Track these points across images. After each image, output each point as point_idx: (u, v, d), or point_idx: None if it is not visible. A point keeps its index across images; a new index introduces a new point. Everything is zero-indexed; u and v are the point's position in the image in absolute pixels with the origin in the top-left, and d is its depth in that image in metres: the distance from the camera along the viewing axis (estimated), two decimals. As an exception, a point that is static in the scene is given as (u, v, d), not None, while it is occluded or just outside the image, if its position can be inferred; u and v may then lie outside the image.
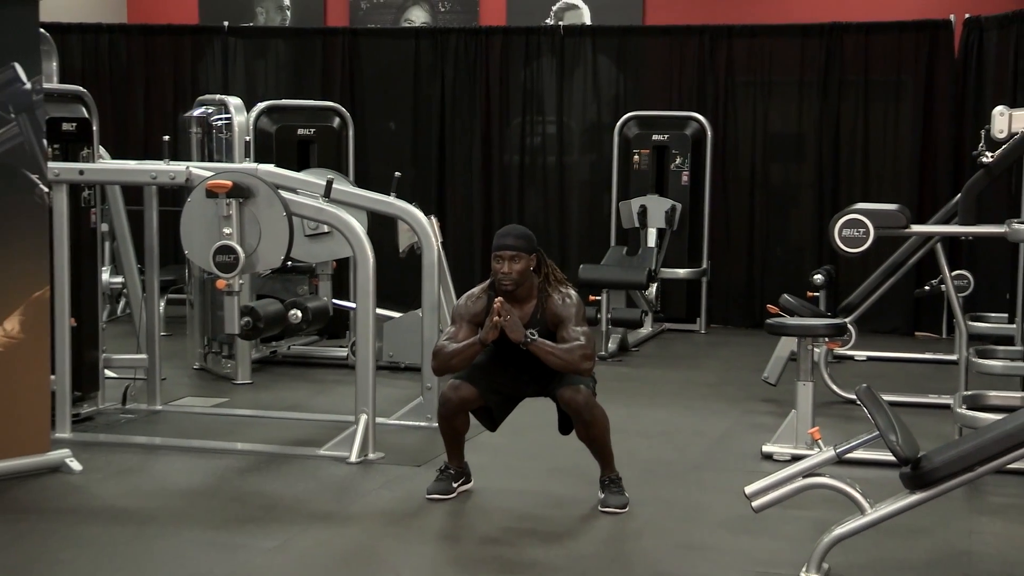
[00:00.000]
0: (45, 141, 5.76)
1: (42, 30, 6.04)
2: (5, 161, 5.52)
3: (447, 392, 5.12)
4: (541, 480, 5.80)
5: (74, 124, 6.88)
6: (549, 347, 4.95)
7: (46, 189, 5.74)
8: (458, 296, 7.96)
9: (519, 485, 5.43)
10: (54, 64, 7.88)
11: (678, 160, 10.38)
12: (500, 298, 4.95)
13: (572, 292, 5.17)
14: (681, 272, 10.25)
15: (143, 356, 7.23)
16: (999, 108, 7.00)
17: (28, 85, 5.56)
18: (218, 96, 8.96)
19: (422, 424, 6.63)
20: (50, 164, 5.91)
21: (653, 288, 9.74)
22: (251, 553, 4.70)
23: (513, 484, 5.38)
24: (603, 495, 5.19)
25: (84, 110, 7.02)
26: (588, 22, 11.63)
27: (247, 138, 8.35)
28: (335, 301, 8.16)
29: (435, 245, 6.75)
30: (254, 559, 4.64)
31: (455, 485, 5.30)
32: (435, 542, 4.94)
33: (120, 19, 13.03)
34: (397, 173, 8.12)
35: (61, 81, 8.01)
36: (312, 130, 9.39)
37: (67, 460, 5.81)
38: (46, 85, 6.10)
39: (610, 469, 5.23)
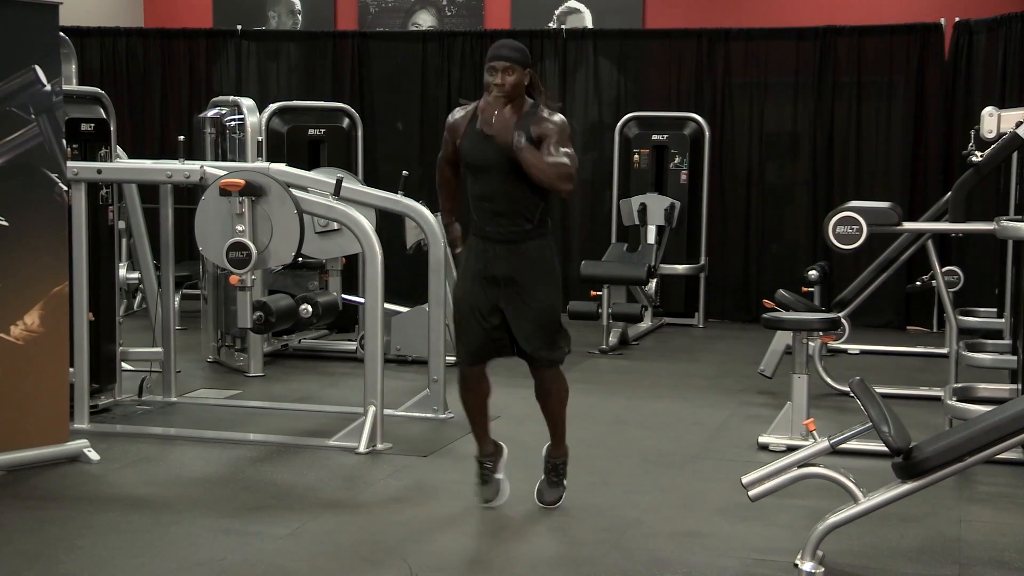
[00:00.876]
0: (64, 141, 5.78)
1: (62, 34, 6.03)
2: (26, 160, 5.54)
3: (464, 372, 5.01)
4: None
5: (92, 125, 6.90)
6: (534, 157, 4.64)
7: (65, 188, 5.74)
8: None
9: (522, 473, 5.42)
10: (73, 66, 7.86)
11: (677, 159, 10.40)
12: (490, 100, 4.70)
13: (560, 116, 4.86)
14: (680, 268, 10.26)
15: (159, 349, 7.26)
16: (988, 109, 7.01)
17: (48, 87, 5.58)
18: (231, 97, 8.97)
19: (428, 416, 6.66)
20: (69, 163, 5.91)
21: (653, 284, 9.76)
22: (264, 540, 4.71)
23: (516, 472, 5.36)
24: (542, 482, 5.10)
25: (102, 111, 7.03)
26: (590, 25, 11.63)
27: (259, 138, 8.36)
28: (344, 296, 8.17)
29: (441, 241, 6.76)
30: (267, 546, 4.65)
31: (499, 476, 5.10)
32: (441, 530, 4.93)
33: (137, 23, 13.04)
34: (405, 172, 8.15)
35: (80, 83, 7.99)
36: (322, 130, 9.41)
37: (85, 450, 5.82)
38: (65, 87, 6.10)
39: (558, 447, 5.09)
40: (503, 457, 5.16)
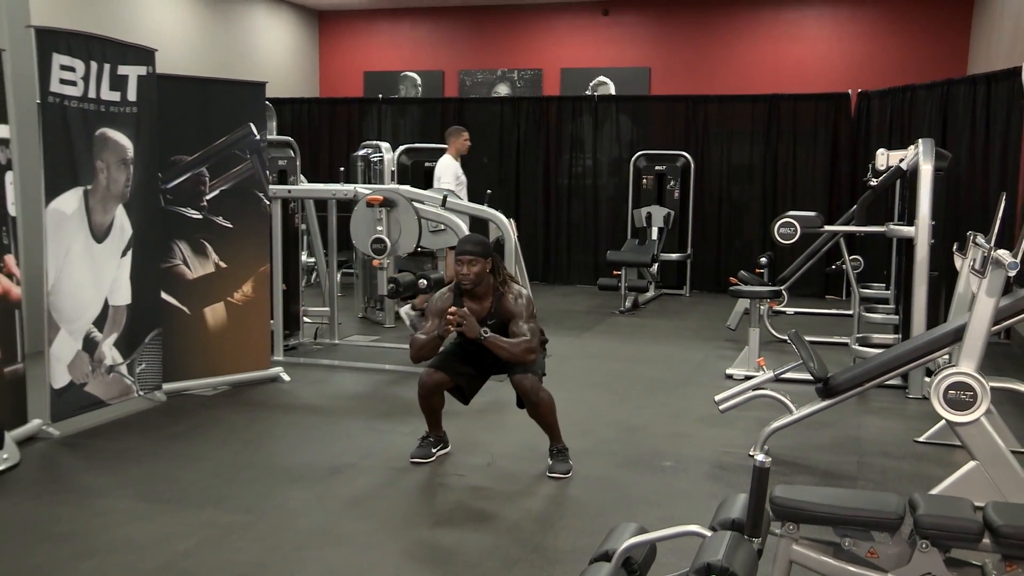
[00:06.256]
0: (267, 172, 5.87)
1: (267, 102, 6.14)
2: (243, 185, 5.64)
3: (423, 377, 4.25)
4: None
5: (285, 161, 7.03)
6: (500, 342, 4.01)
7: (267, 202, 5.84)
8: (529, 273, 8.10)
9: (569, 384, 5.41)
10: (273, 123, 8.03)
11: (671, 183, 10.35)
12: (453, 307, 4.03)
13: (523, 291, 4.20)
14: (673, 256, 10.22)
15: (327, 308, 7.38)
16: (880, 150, 7.03)
17: (258, 137, 5.67)
18: (374, 142, 9.08)
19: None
20: (270, 187, 6.01)
21: (655, 266, 9.76)
22: (393, 435, 4.78)
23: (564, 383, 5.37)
24: (551, 462, 4.25)
25: (291, 152, 7.16)
26: (613, 92, 11.61)
27: (392, 168, 8.45)
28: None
29: (513, 238, 6.81)
30: (395, 439, 4.71)
31: (434, 451, 4.39)
32: (511, 430, 4.86)
33: (314, 94, 13.25)
34: (488, 191, 8.21)
35: (278, 134, 8.15)
36: (434, 163, 9.47)
37: (280, 374, 5.95)
38: (268, 137, 6.22)
39: (557, 441, 4.29)
40: (445, 448, 4.46)
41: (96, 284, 4.87)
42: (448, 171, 7.85)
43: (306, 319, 7.33)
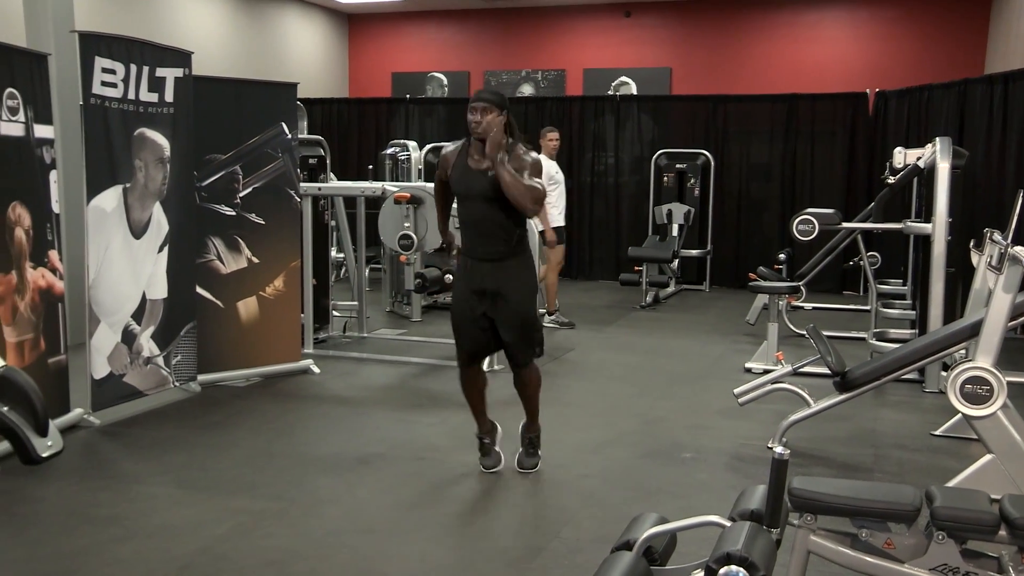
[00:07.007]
0: (298, 170, 5.89)
1: (298, 102, 6.17)
2: (275, 183, 5.66)
3: (463, 370, 4.08)
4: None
5: (315, 159, 7.04)
6: (511, 175, 3.65)
7: (298, 199, 5.85)
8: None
9: (581, 383, 5.39)
10: (304, 123, 8.04)
11: (692, 180, 10.29)
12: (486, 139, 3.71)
13: (533, 153, 3.83)
14: (694, 252, 10.16)
15: (355, 303, 7.37)
16: (897, 148, 6.95)
17: (289, 136, 5.68)
18: (402, 140, 9.10)
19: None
20: (301, 184, 6.02)
21: (675, 262, 9.70)
22: (420, 427, 4.79)
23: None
24: (520, 453, 4.14)
25: (321, 151, 7.17)
26: (635, 92, 11.55)
27: (419, 167, 8.47)
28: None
29: (536, 235, 6.80)
30: (422, 430, 4.73)
31: (497, 449, 4.20)
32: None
33: (344, 94, 13.28)
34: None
35: (308, 133, 8.18)
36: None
37: (311, 366, 5.96)
38: (299, 136, 6.25)
39: (532, 423, 4.15)
40: (498, 434, 4.27)
41: (134, 279, 4.92)
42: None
43: (335, 313, 7.34)
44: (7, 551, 3.23)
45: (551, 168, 7.52)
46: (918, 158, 6.37)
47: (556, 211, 7.44)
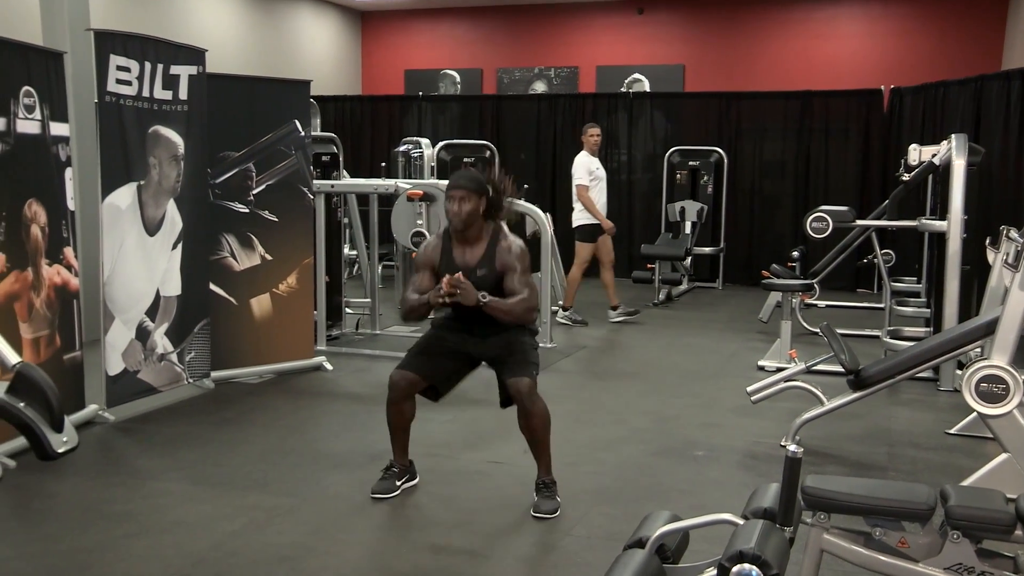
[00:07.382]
0: (311, 167, 5.89)
1: (311, 99, 6.18)
2: (288, 180, 5.67)
3: (394, 377, 3.66)
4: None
5: (328, 157, 7.06)
6: (499, 307, 3.48)
7: (311, 196, 5.86)
8: (564, 265, 8.08)
9: (589, 380, 5.38)
10: (317, 120, 8.08)
11: (705, 177, 10.25)
12: (447, 278, 3.46)
13: (517, 240, 3.63)
14: (706, 249, 10.12)
15: (368, 300, 7.38)
16: (913, 145, 6.91)
17: (302, 133, 5.69)
18: (415, 137, 9.11)
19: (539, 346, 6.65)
20: (314, 182, 6.03)
21: (688, 260, 9.68)
22: (433, 423, 4.76)
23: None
24: (536, 499, 3.59)
25: (335, 148, 7.19)
26: (648, 89, 11.51)
27: (432, 164, 8.48)
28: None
29: (549, 232, 6.81)
30: (435, 427, 4.71)
31: (399, 483, 3.76)
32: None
33: (356, 92, 13.32)
34: (525, 185, 8.17)
35: (321, 130, 8.20)
36: (473, 158, 9.49)
37: (323, 363, 5.97)
38: (312, 133, 6.26)
39: (546, 470, 3.64)
40: (412, 480, 3.84)
41: (148, 276, 4.94)
42: (580, 167, 7.75)
43: (348, 310, 7.35)
44: (23, 546, 3.26)
45: (592, 164, 7.74)
46: (933, 155, 6.32)
47: (598, 206, 7.67)
